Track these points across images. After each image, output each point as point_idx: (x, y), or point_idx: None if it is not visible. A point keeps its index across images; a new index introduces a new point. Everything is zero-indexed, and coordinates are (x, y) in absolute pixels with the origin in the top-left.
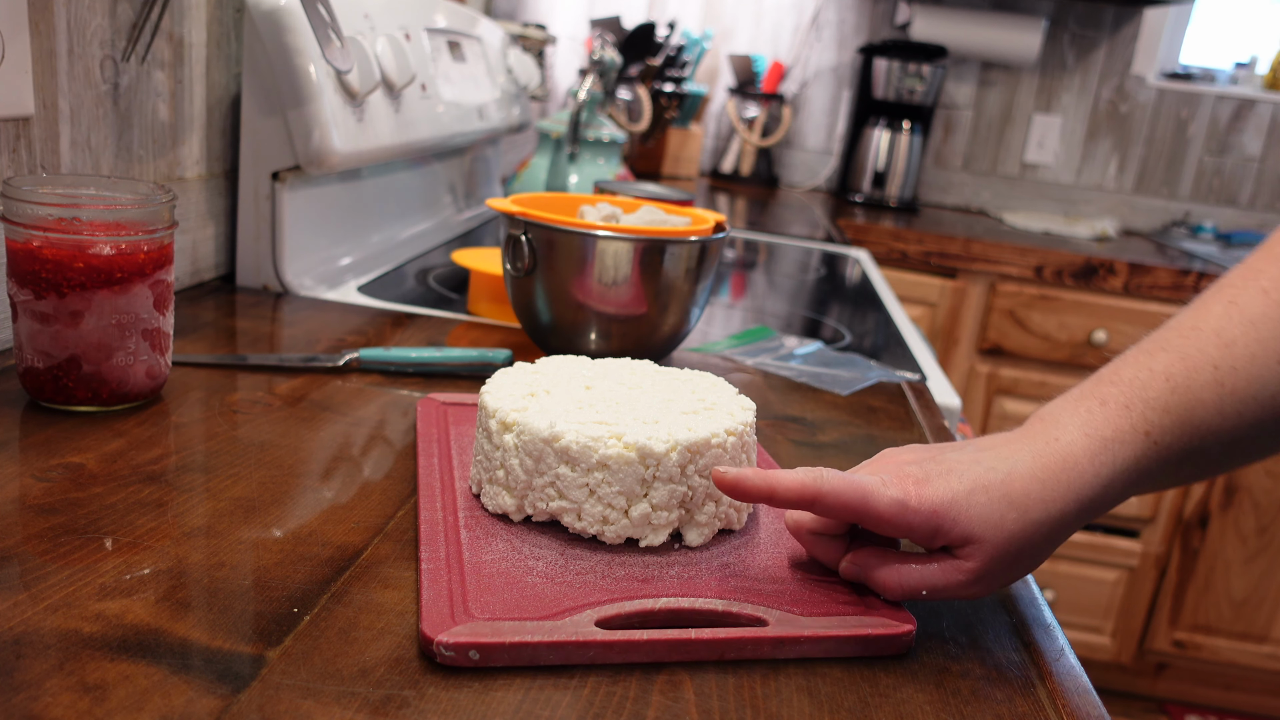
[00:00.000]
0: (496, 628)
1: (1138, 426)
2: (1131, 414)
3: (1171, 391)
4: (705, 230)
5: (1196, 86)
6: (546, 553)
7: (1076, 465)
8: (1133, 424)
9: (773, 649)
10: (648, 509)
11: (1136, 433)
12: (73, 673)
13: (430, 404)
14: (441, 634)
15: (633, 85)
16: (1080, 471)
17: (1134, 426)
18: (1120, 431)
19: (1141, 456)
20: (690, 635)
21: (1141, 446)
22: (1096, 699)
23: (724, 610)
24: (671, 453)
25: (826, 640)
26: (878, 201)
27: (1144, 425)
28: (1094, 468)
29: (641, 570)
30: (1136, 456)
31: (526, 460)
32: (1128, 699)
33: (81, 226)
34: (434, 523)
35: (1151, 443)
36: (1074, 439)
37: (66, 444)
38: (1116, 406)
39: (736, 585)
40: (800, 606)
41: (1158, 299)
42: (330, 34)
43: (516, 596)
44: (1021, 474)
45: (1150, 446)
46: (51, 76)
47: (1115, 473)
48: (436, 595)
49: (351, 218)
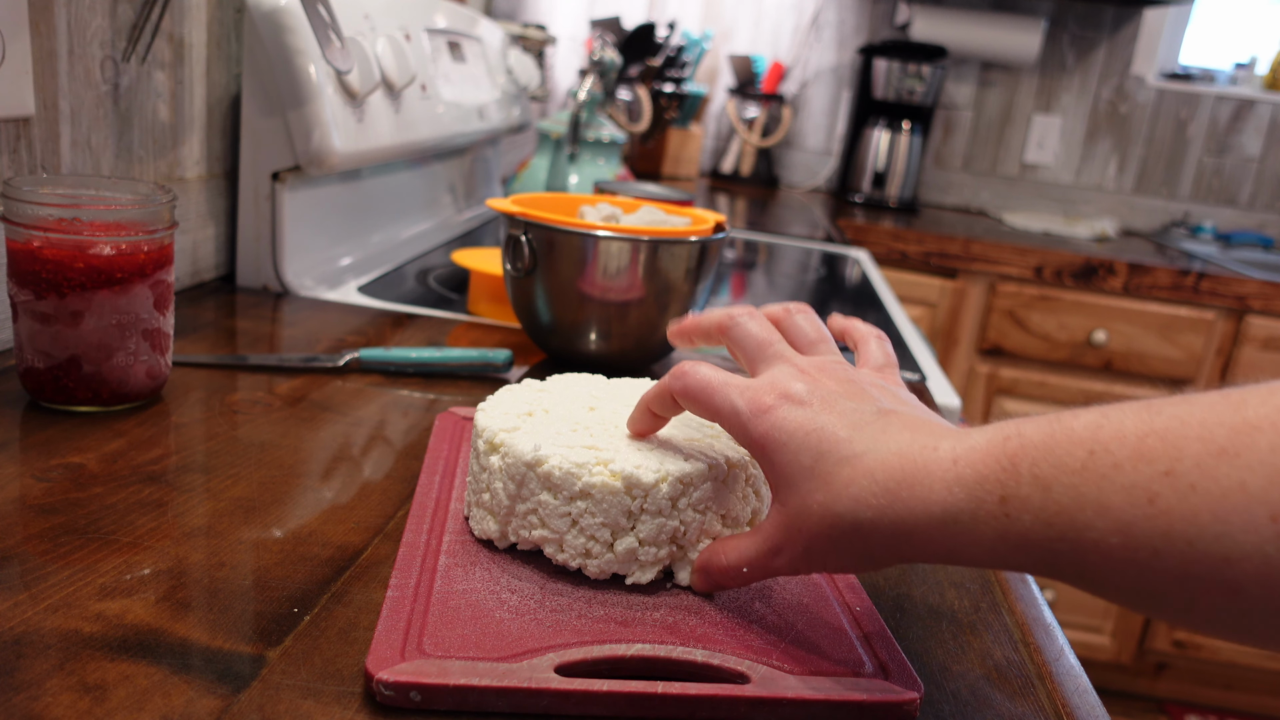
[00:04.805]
0: (444, 667)
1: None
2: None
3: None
4: (705, 230)
5: (1196, 87)
6: (525, 585)
7: (916, 488)
8: (999, 474)
9: (749, 710)
10: (634, 544)
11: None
12: (73, 673)
13: (449, 418)
14: (383, 671)
15: (633, 85)
16: (914, 494)
17: (998, 478)
18: (983, 477)
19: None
20: (657, 689)
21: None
22: (1096, 699)
23: (703, 662)
24: (661, 484)
25: (813, 705)
26: (878, 202)
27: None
28: (935, 501)
29: (623, 611)
30: (987, 515)
31: (509, 484)
32: (1128, 699)
33: (82, 227)
34: (414, 546)
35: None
36: (944, 458)
37: (67, 444)
38: (1001, 453)
39: (724, 634)
40: (791, 663)
41: (1157, 299)
42: (330, 34)
43: (478, 633)
44: (867, 464)
45: (999, 505)
46: (52, 77)
47: (959, 527)
48: (391, 627)
49: (351, 218)
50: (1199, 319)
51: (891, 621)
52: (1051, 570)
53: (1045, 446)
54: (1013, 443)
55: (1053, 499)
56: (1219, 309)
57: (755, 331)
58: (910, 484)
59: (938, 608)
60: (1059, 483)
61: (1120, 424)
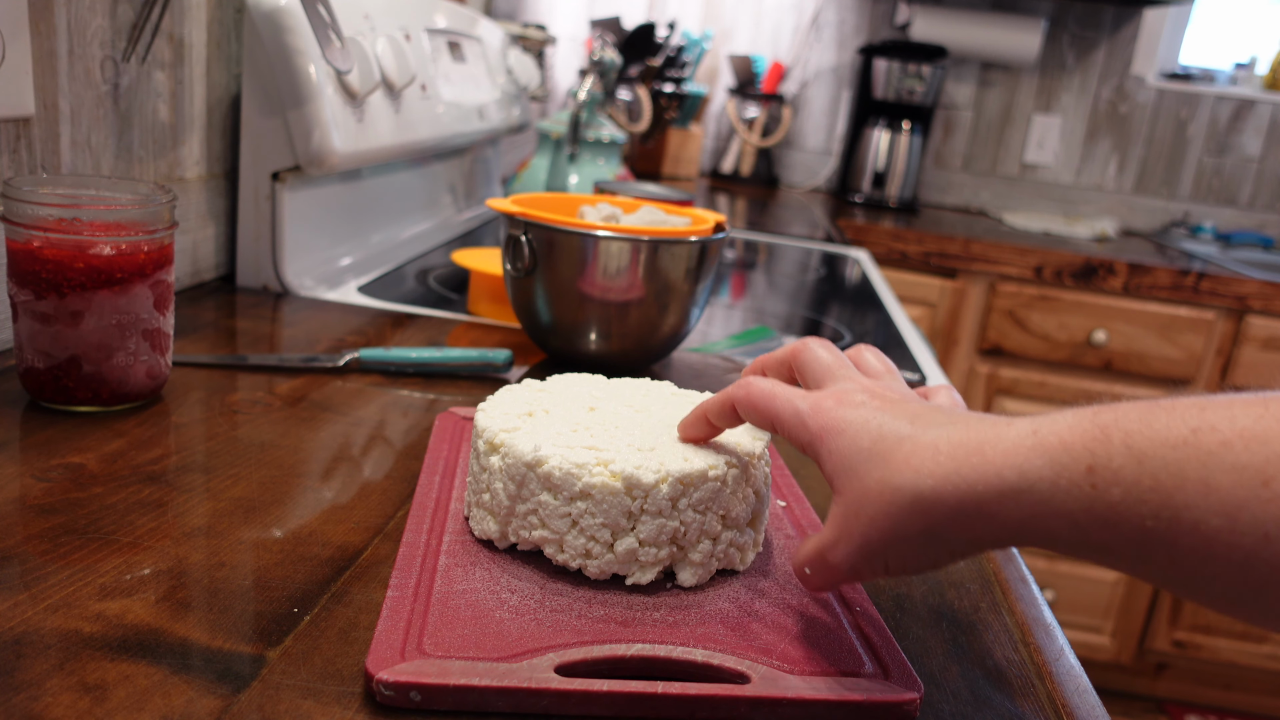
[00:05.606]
0: (445, 667)
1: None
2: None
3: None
4: (705, 230)
5: (1196, 87)
6: (525, 585)
7: (986, 453)
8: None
9: (749, 710)
10: (634, 544)
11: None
12: (73, 673)
13: (449, 418)
14: (383, 671)
15: (633, 85)
16: (985, 459)
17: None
18: (1067, 444)
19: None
20: (657, 689)
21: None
22: (1096, 699)
23: (703, 662)
24: (661, 484)
25: (813, 705)
26: (878, 202)
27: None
28: (1001, 464)
29: (623, 612)
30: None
31: (509, 485)
32: (1128, 699)
33: (82, 227)
34: (414, 546)
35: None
36: (1021, 429)
37: (67, 444)
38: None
39: (725, 634)
40: (792, 663)
41: (1157, 299)
42: (330, 34)
43: (478, 633)
44: (930, 438)
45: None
46: (52, 77)
47: (1022, 485)
48: (391, 627)
49: (351, 218)
50: (1199, 319)
51: (891, 621)
52: (1139, 554)
53: (1142, 420)
54: (1104, 415)
55: (1148, 472)
56: (1219, 309)
57: (823, 356)
58: (980, 451)
59: (938, 608)
60: (1156, 456)
61: (1229, 407)
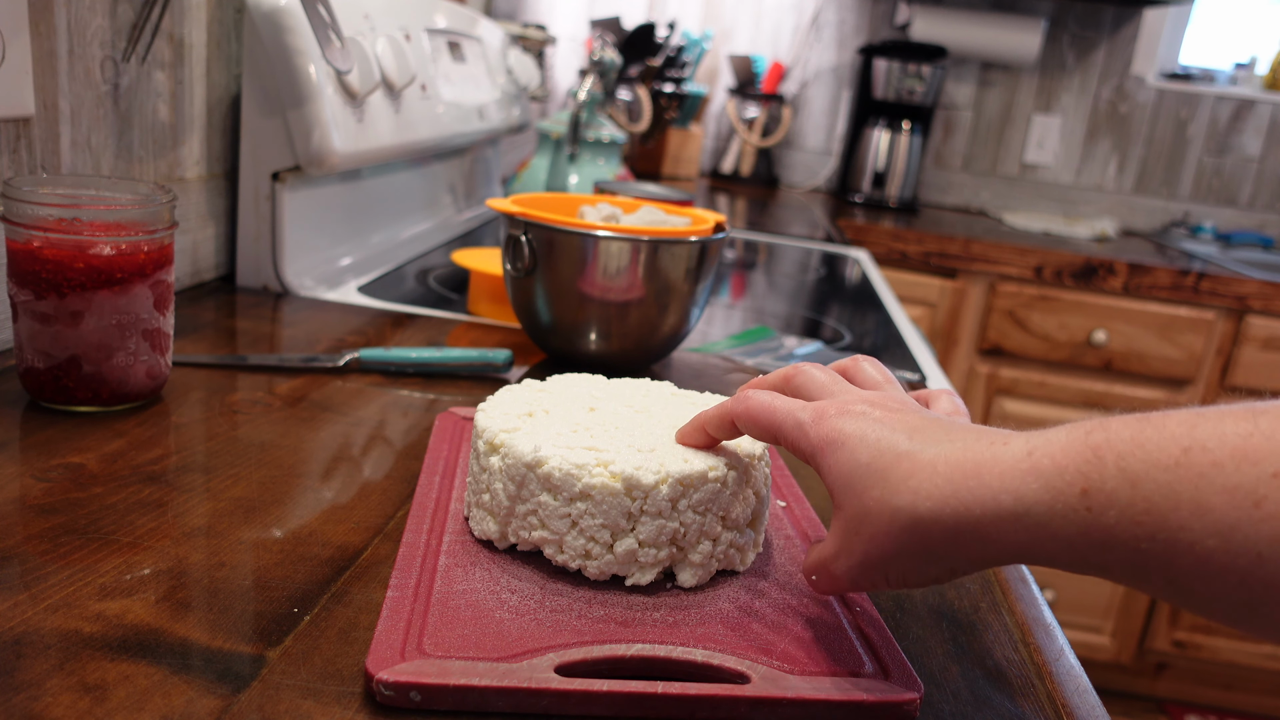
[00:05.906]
0: (444, 667)
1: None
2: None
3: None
4: (705, 230)
5: (1196, 87)
6: (525, 585)
7: (984, 477)
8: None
9: (749, 710)
10: (634, 545)
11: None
12: (73, 673)
13: (449, 419)
14: (383, 671)
15: (633, 86)
16: (982, 483)
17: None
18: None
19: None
20: (657, 689)
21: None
22: (1096, 699)
23: (703, 662)
24: (661, 485)
25: (813, 705)
26: (878, 202)
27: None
28: (998, 486)
29: (623, 612)
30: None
31: (509, 485)
32: (1128, 699)
33: (82, 227)
34: (414, 546)
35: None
36: (1016, 450)
37: (67, 444)
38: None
39: (725, 634)
40: (792, 663)
41: (1157, 299)
42: (330, 34)
43: (478, 633)
44: (928, 457)
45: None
46: (52, 77)
47: (1019, 507)
48: (391, 627)
49: (351, 218)
50: (1199, 319)
51: (891, 621)
52: (1137, 574)
53: (1134, 440)
54: (1097, 435)
55: (1141, 495)
56: (1219, 309)
57: (819, 376)
58: (977, 474)
59: (938, 608)
60: (1150, 479)
61: (1219, 423)
